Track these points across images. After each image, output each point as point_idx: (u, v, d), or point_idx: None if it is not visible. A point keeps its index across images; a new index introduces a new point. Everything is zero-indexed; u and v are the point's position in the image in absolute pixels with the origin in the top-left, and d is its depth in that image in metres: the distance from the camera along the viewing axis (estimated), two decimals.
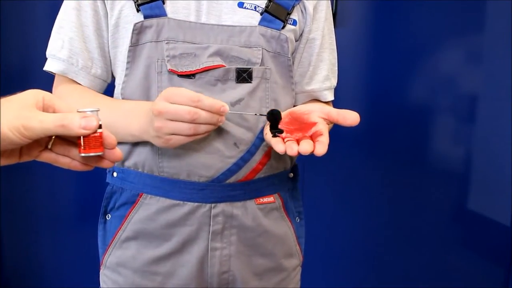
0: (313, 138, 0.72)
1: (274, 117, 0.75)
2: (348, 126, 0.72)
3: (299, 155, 0.71)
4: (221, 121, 0.74)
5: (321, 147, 0.68)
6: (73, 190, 1.75)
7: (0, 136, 0.48)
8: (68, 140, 0.55)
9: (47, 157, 0.55)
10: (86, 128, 0.51)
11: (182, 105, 0.71)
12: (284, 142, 0.72)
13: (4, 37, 1.62)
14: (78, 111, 0.52)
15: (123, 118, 0.81)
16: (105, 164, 0.56)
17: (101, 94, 0.89)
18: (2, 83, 1.59)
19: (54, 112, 0.52)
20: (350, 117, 0.71)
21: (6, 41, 1.62)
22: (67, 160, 0.55)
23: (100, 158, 0.55)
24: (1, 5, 1.60)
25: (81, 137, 0.52)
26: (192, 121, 0.71)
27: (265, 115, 0.77)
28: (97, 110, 0.53)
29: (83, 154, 0.53)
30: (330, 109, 0.74)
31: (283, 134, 0.74)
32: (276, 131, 0.74)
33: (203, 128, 0.73)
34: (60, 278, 1.79)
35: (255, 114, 0.82)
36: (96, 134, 0.52)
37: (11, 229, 1.76)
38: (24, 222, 1.76)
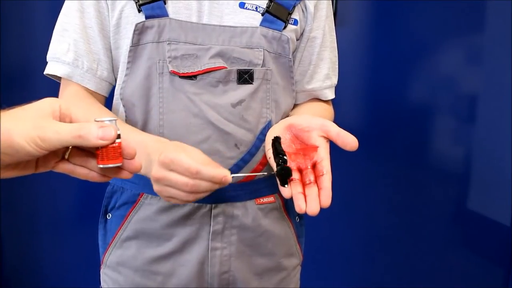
0: (315, 174, 0.70)
1: (283, 176, 0.71)
2: (346, 150, 0.71)
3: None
4: (223, 186, 0.71)
5: (326, 198, 0.67)
6: (73, 189, 1.75)
7: (16, 147, 0.46)
8: (85, 150, 0.53)
9: (64, 168, 0.53)
10: (104, 139, 0.48)
11: (181, 175, 0.68)
12: (289, 180, 0.70)
13: (4, 37, 1.61)
14: (95, 121, 0.50)
15: None
16: (124, 175, 0.53)
17: (108, 111, 0.86)
18: (2, 83, 1.59)
19: (71, 121, 0.51)
20: (349, 143, 0.69)
21: (6, 41, 1.62)
22: (85, 171, 0.53)
23: (118, 169, 0.53)
24: (1, 5, 1.60)
25: (99, 147, 0.50)
26: (191, 192, 0.70)
27: (273, 173, 0.73)
28: (115, 120, 0.51)
29: (101, 166, 0.51)
30: (330, 127, 0.72)
31: (286, 156, 0.72)
32: (280, 156, 0.72)
33: (202, 194, 0.71)
34: (60, 278, 1.79)
35: (264, 174, 0.79)
36: (114, 145, 0.50)
37: (11, 229, 1.76)
38: (24, 221, 1.76)
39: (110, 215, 0.90)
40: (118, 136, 0.50)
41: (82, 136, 0.47)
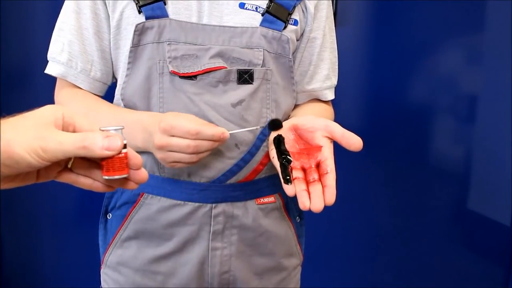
0: (319, 172, 0.71)
1: (275, 127, 0.74)
2: (351, 150, 0.71)
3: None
4: (222, 143, 0.76)
5: (330, 196, 0.68)
6: (73, 189, 1.73)
7: (16, 158, 0.44)
8: (89, 160, 0.50)
9: (67, 177, 0.50)
10: (109, 149, 0.46)
11: (182, 138, 0.72)
12: (293, 179, 0.71)
13: (4, 37, 1.62)
14: (100, 130, 0.48)
15: (127, 130, 0.78)
16: (130, 186, 0.51)
17: (103, 100, 0.88)
18: (2, 84, 1.59)
19: (74, 130, 0.48)
20: (353, 143, 0.70)
21: (6, 42, 1.62)
22: (89, 181, 0.50)
23: (124, 180, 0.50)
24: (1, 5, 1.60)
25: (105, 158, 0.47)
26: (194, 153, 0.73)
27: (264, 126, 0.77)
28: (121, 128, 0.49)
29: (106, 177, 0.48)
30: (334, 127, 0.73)
31: (291, 158, 0.73)
32: (284, 157, 0.73)
33: (204, 153, 0.75)
34: (60, 278, 1.79)
35: (257, 128, 0.82)
36: (120, 155, 0.47)
37: (11, 229, 1.76)
38: (24, 221, 1.76)
39: (110, 215, 0.90)
40: (124, 146, 0.48)
41: (86, 147, 0.45)
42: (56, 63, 0.86)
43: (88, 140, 0.45)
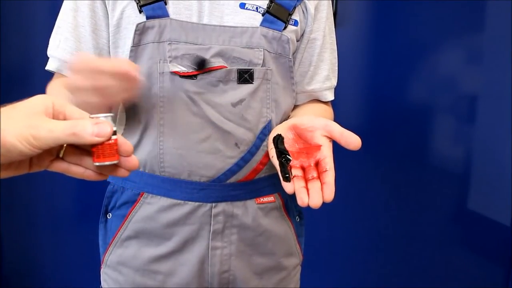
0: (318, 170, 0.71)
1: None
2: (349, 149, 0.71)
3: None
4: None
5: (329, 192, 0.68)
6: (73, 189, 1.75)
7: (7, 146, 0.45)
8: (80, 148, 0.51)
9: (59, 166, 0.51)
10: (99, 136, 0.47)
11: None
12: (292, 177, 0.71)
13: (4, 37, 1.62)
14: (90, 117, 0.49)
15: None
16: (121, 173, 0.52)
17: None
18: (2, 83, 1.59)
19: (65, 118, 0.49)
20: (352, 142, 0.70)
21: (6, 41, 1.62)
22: (80, 169, 0.51)
23: (115, 166, 0.51)
24: (1, 5, 1.60)
25: (95, 145, 0.48)
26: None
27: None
28: (110, 115, 0.50)
29: (97, 163, 0.49)
30: (333, 127, 0.73)
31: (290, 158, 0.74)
32: (283, 156, 0.73)
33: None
34: (60, 278, 1.79)
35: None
36: (110, 142, 0.48)
37: (11, 229, 1.76)
38: (24, 221, 1.76)
39: (111, 215, 0.90)
40: (114, 133, 0.49)
41: (76, 133, 0.46)
42: (52, 58, 0.87)
43: (78, 127, 0.46)
